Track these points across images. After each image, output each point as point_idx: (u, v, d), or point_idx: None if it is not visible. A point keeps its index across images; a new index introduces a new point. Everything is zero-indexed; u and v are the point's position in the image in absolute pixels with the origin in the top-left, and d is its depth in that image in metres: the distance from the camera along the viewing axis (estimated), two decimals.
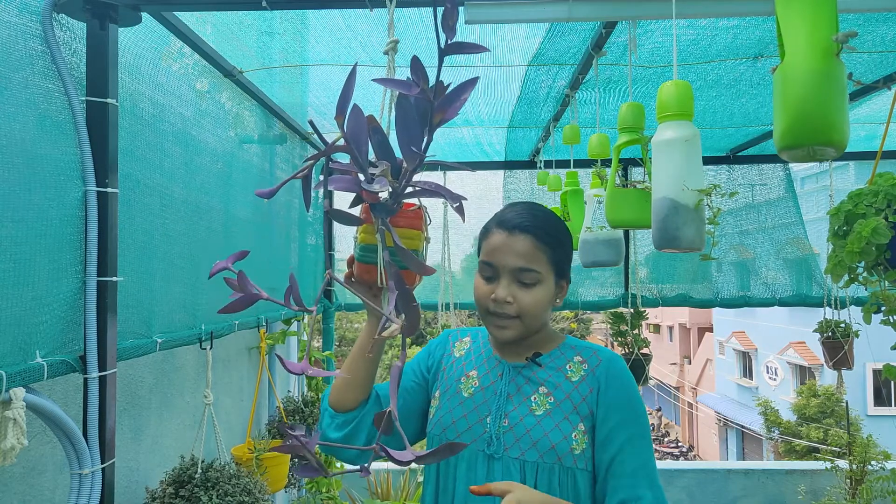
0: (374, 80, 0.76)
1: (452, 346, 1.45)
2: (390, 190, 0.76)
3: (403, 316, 0.89)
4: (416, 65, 0.70)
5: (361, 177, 0.79)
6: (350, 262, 1.20)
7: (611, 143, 2.14)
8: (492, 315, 1.27)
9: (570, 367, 1.31)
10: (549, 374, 1.30)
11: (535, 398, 1.28)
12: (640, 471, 1.21)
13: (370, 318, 1.28)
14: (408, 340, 0.81)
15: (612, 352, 1.35)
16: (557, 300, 1.33)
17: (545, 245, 1.27)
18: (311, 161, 0.81)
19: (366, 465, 0.79)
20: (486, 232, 1.33)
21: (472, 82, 0.73)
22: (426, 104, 0.72)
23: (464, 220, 0.85)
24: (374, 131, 0.76)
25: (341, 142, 0.76)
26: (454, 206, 0.77)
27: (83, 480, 1.32)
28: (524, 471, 1.23)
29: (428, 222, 1.15)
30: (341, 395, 1.29)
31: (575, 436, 1.24)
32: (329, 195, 0.80)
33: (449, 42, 0.71)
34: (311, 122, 0.75)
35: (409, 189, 0.79)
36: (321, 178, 0.80)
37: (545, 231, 1.27)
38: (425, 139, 0.74)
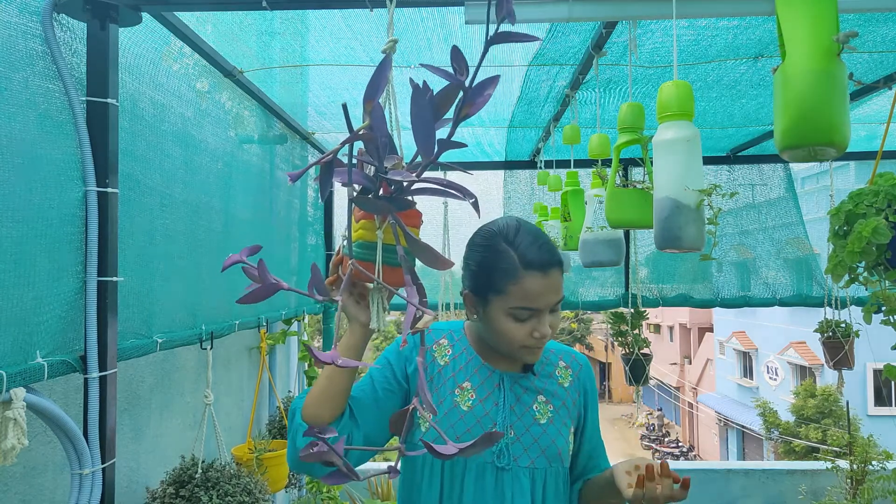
0: (421, 64, 0.76)
1: (432, 351, 1.36)
2: (411, 180, 0.75)
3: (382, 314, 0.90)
4: (457, 54, 0.69)
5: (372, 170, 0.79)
6: (337, 264, 1.09)
7: (611, 143, 2.14)
8: (527, 348, 1.23)
9: (559, 372, 1.37)
10: (543, 382, 1.34)
11: (536, 406, 1.30)
12: (604, 454, 1.43)
13: (353, 326, 1.15)
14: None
15: (582, 355, 1.45)
16: None
17: (563, 269, 1.26)
18: (339, 146, 0.79)
19: (394, 466, 0.80)
20: (511, 276, 1.19)
21: (493, 80, 0.73)
22: (445, 98, 0.72)
23: (479, 216, 0.85)
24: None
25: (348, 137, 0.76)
26: (470, 201, 0.77)
27: (83, 480, 1.32)
28: (534, 478, 1.25)
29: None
30: (318, 410, 1.17)
31: (570, 439, 1.33)
32: (335, 185, 0.79)
33: (498, 32, 0.71)
34: (343, 106, 0.74)
35: (421, 185, 0.79)
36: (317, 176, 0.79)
37: (560, 255, 1.25)
38: (449, 130, 0.74)
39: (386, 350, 1.38)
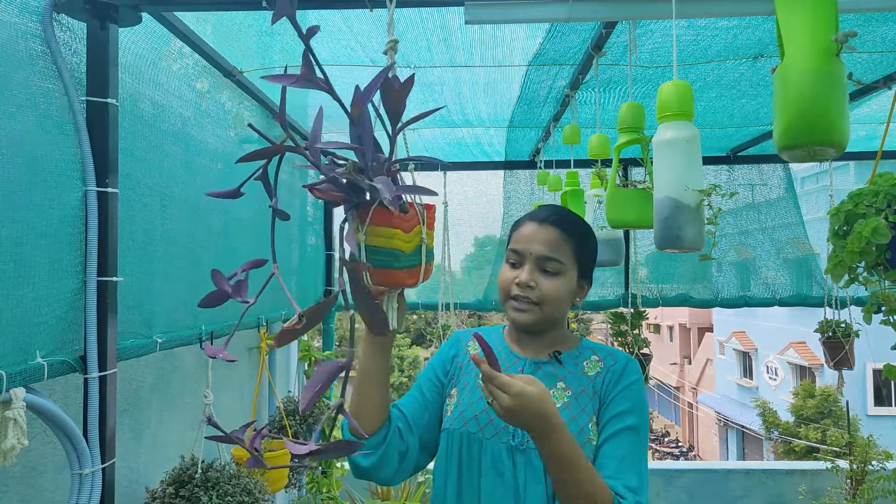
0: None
1: (466, 346, 1.46)
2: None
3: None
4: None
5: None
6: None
7: (611, 144, 2.14)
8: (512, 299, 1.31)
9: (587, 363, 1.36)
10: (567, 369, 1.34)
11: (553, 391, 1.31)
12: (629, 459, 1.23)
13: (369, 339, 1.23)
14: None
15: (629, 356, 1.40)
16: (577, 299, 1.37)
17: (571, 238, 1.33)
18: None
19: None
20: (517, 225, 1.39)
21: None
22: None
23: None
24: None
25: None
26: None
27: (83, 481, 1.32)
28: None
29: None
30: (360, 424, 1.24)
31: (591, 426, 1.28)
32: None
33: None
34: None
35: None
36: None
37: (572, 226, 1.35)
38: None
39: (431, 358, 1.50)
